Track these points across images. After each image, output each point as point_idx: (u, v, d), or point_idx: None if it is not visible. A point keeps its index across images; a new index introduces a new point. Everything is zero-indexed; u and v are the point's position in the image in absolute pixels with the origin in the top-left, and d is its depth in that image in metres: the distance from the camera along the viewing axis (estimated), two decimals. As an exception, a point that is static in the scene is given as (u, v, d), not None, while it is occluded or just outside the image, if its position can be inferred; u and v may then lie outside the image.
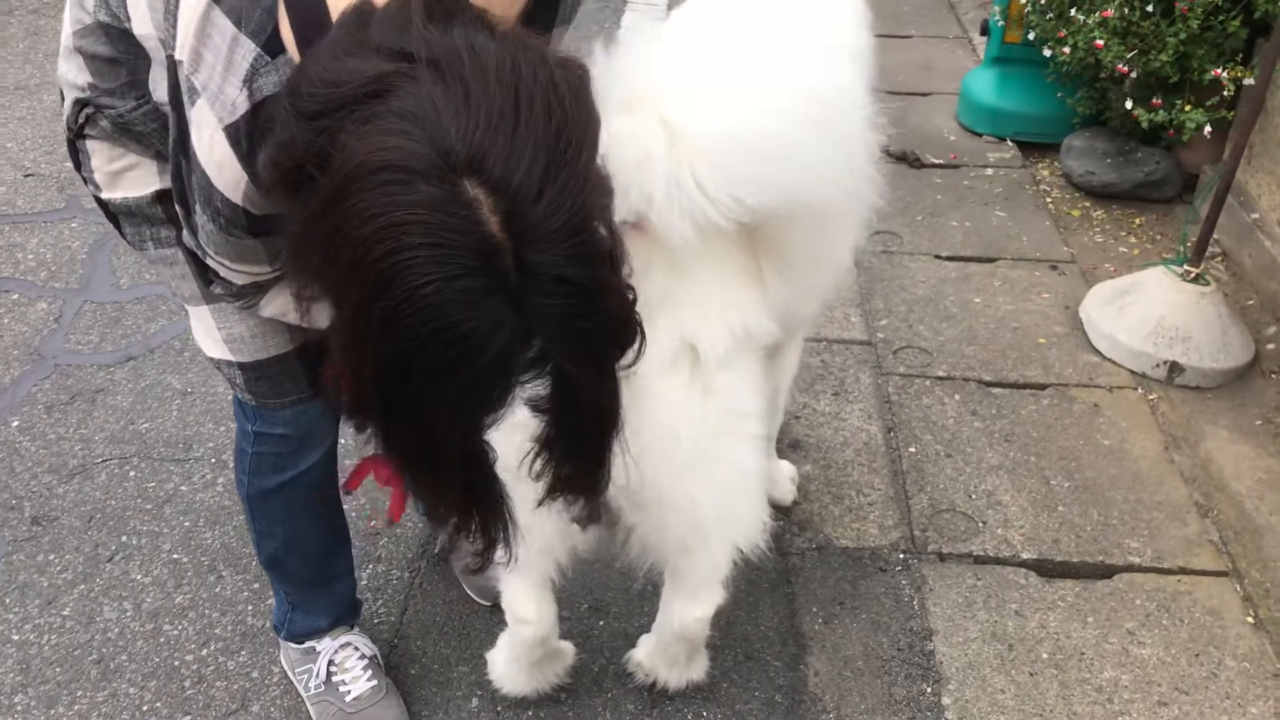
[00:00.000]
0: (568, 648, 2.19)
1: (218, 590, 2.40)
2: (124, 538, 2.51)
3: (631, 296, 1.26)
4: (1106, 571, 2.55)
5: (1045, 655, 2.35)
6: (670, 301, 1.64)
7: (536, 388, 1.24)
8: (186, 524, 2.55)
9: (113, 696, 2.18)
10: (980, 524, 2.66)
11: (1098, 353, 3.24)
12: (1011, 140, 4.39)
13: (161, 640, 2.30)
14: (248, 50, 1.28)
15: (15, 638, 2.29)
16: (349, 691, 2.12)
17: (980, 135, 4.45)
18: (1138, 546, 2.60)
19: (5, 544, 2.49)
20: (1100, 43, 3.54)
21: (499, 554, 1.45)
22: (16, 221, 3.66)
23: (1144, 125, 3.64)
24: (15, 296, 3.28)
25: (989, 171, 4.22)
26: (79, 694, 2.18)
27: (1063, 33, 3.73)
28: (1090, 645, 2.37)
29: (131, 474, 2.69)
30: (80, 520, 2.55)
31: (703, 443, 1.71)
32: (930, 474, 2.80)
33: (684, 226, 1.56)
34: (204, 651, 2.28)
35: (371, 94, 1.08)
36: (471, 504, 1.35)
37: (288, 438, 1.87)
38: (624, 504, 1.76)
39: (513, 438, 1.35)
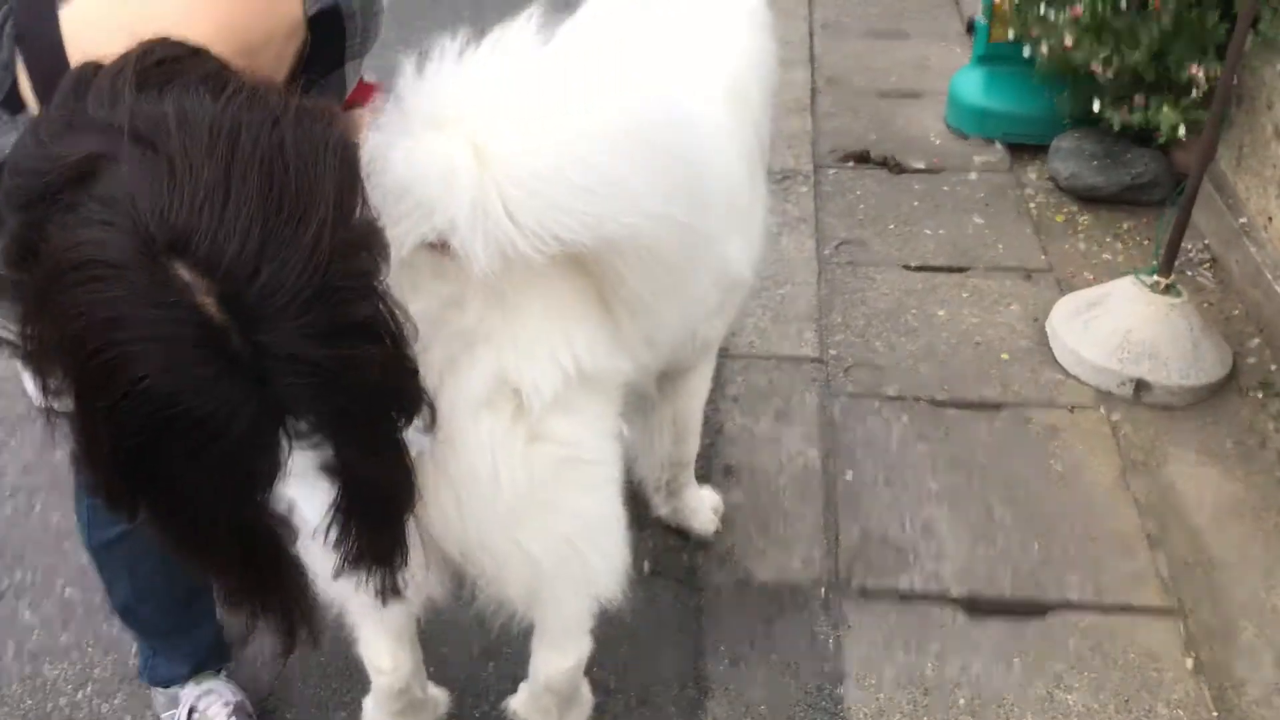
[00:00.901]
0: (439, 696, 2.09)
1: (104, 629, 2.33)
2: (19, 573, 2.46)
3: (407, 364, 1.17)
4: (1040, 609, 2.39)
5: (962, 702, 2.20)
6: (487, 338, 1.52)
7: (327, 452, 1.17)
8: (84, 559, 2.48)
9: (-21, 742, 2.13)
10: (911, 557, 2.51)
11: (1062, 369, 3.07)
12: (1000, 142, 4.20)
13: (39, 682, 2.24)
14: None
15: (-109, 679, 2.24)
16: None
17: (968, 137, 4.27)
18: (1077, 581, 2.44)
19: (-101, 579, 2.46)
20: (1069, 42, 3.35)
21: (303, 636, 1.37)
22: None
23: (1114, 128, 3.45)
24: None
25: (972, 176, 4.04)
26: (-55, 739, 2.13)
27: (1034, 31, 3.55)
28: (1012, 690, 2.22)
29: (37, 506, 2.64)
30: (-26, 555, 2.51)
31: (530, 492, 1.59)
32: (865, 502, 2.66)
33: (489, 257, 1.43)
34: (79, 695, 2.21)
35: (76, 179, 1.02)
36: (262, 584, 1.28)
37: None
38: (455, 555, 1.66)
39: (315, 503, 1.27)
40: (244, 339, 1.01)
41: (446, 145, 1.41)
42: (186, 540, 1.19)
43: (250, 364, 1.02)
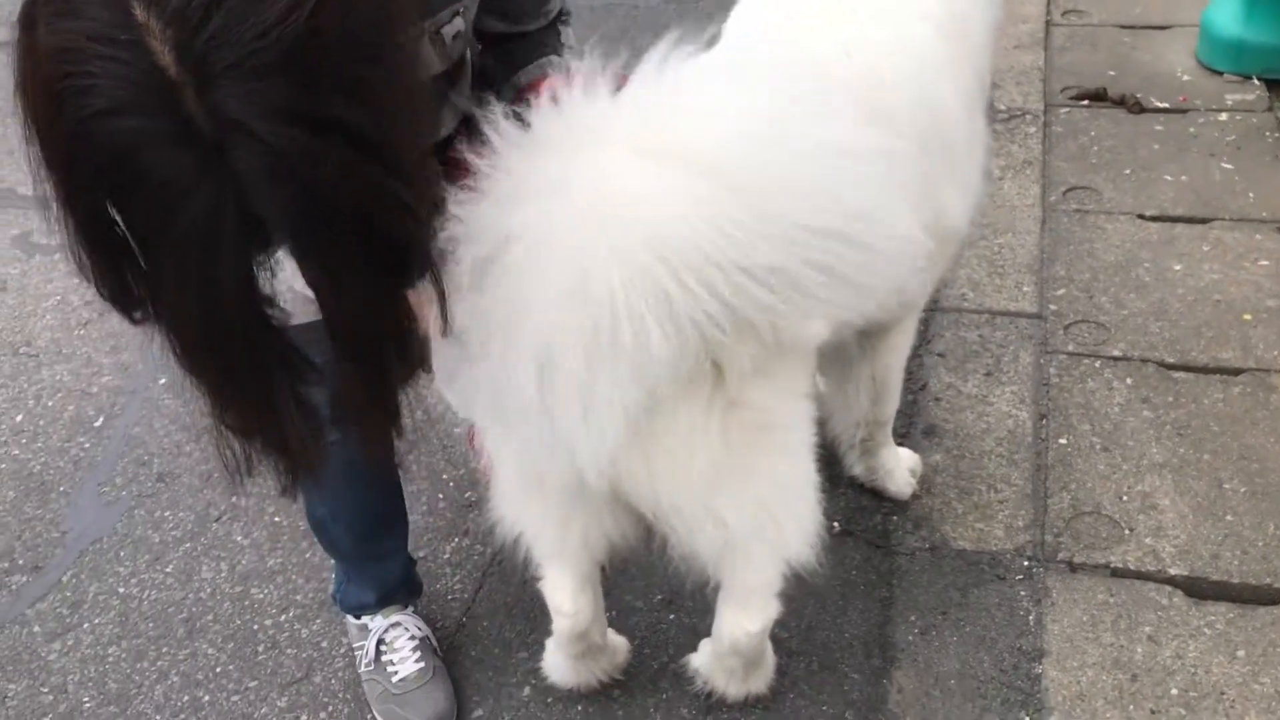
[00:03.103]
0: (619, 643, 2.08)
1: (308, 556, 2.44)
2: (234, 498, 2.60)
3: (393, 192, 1.10)
4: (1272, 597, 2.17)
5: (1175, 692, 2.03)
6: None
7: None
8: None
9: (193, 655, 2.26)
10: (1127, 531, 2.33)
11: (1314, 333, 2.77)
12: (1259, 79, 3.82)
13: (247, 603, 2.36)
14: None
15: (121, 590, 2.41)
16: (396, 672, 2.10)
17: (1221, 74, 3.90)
18: (1318, 570, 2.21)
19: (131, 498, 2.64)
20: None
21: (307, 473, 1.35)
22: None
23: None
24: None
25: (1223, 116, 3.69)
26: (164, 650, 2.28)
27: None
28: (1234, 684, 2.03)
29: (255, 435, 2.78)
30: (199, 479, 2.66)
31: (725, 458, 1.54)
32: (1079, 470, 2.48)
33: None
34: (283, 617, 2.32)
35: None
36: (257, 409, 1.25)
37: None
38: (644, 511, 1.63)
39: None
40: (198, 99, 0.99)
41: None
42: (182, 330, 1.17)
43: (206, 129, 1.00)
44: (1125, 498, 2.40)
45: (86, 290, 1.19)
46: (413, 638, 2.14)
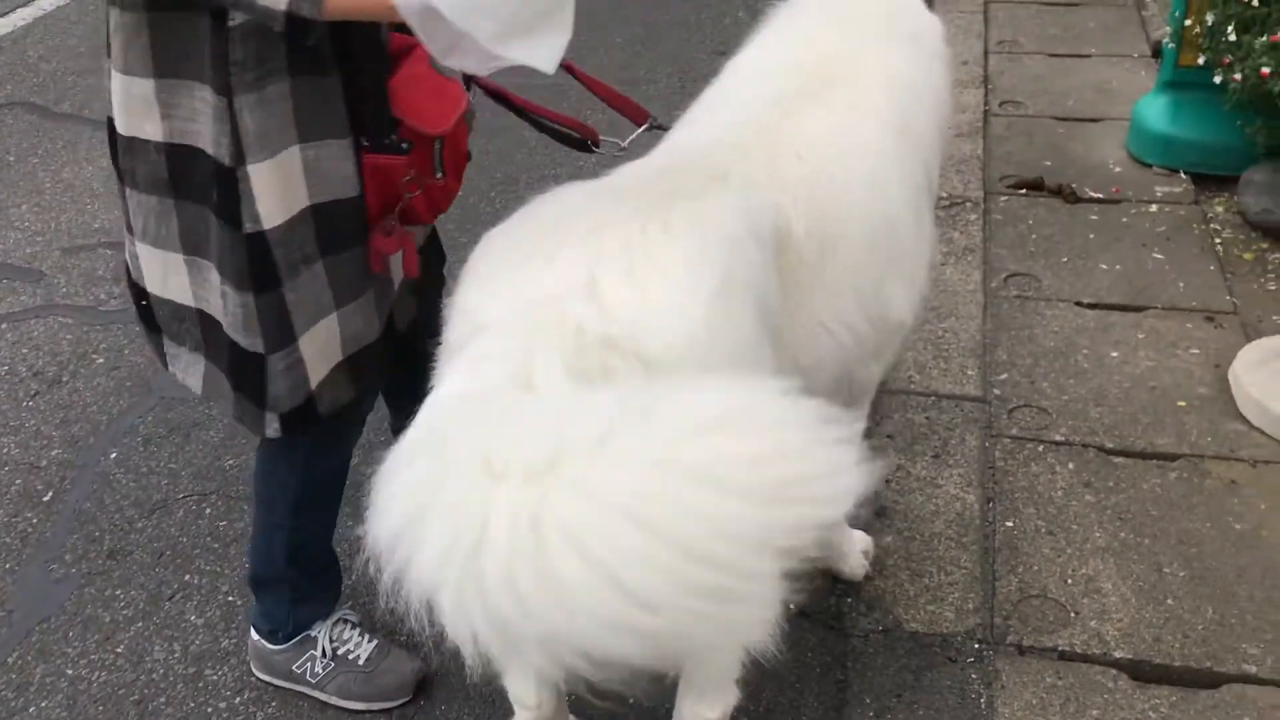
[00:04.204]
0: (580, 729, 2.09)
1: (263, 636, 2.42)
2: (187, 576, 2.58)
3: None
4: (1213, 680, 2.25)
5: (1122, 775, 2.09)
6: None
7: None
8: (249, 565, 2.59)
9: (144, 739, 2.23)
10: (1072, 614, 2.40)
11: (1244, 421, 2.89)
12: (1185, 173, 4.00)
13: (200, 685, 2.34)
14: None
15: (69, 672, 2.37)
16: (358, 657, 2.24)
17: (1150, 166, 4.07)
18: (1256, 654, 2.29)
19: (80, 576, 2.60)
20: (1267, 70, 3.16)
21: None
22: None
23: (1314, 164, 3.24)
24: (139, 328, 3.42)
25: (1154, 208, 3.85)
26: (115, 734, 2.24)
27: (1226, 59, 3.35)
28: (1179, 768, 2.09)
29: (208, 511, 2.76)
30: (151, 556, 2.63)
31: None
32: (1025, 553, 2.55)
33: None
34: (238, 700, 2.30)
35: None
36: None
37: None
38: None
39: None
40: None
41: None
42: None
43: None
44: (1070, 581, 2.47)
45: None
46: (355, 625, 2.30)
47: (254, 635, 2.30)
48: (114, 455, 2.93)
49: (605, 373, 1.44)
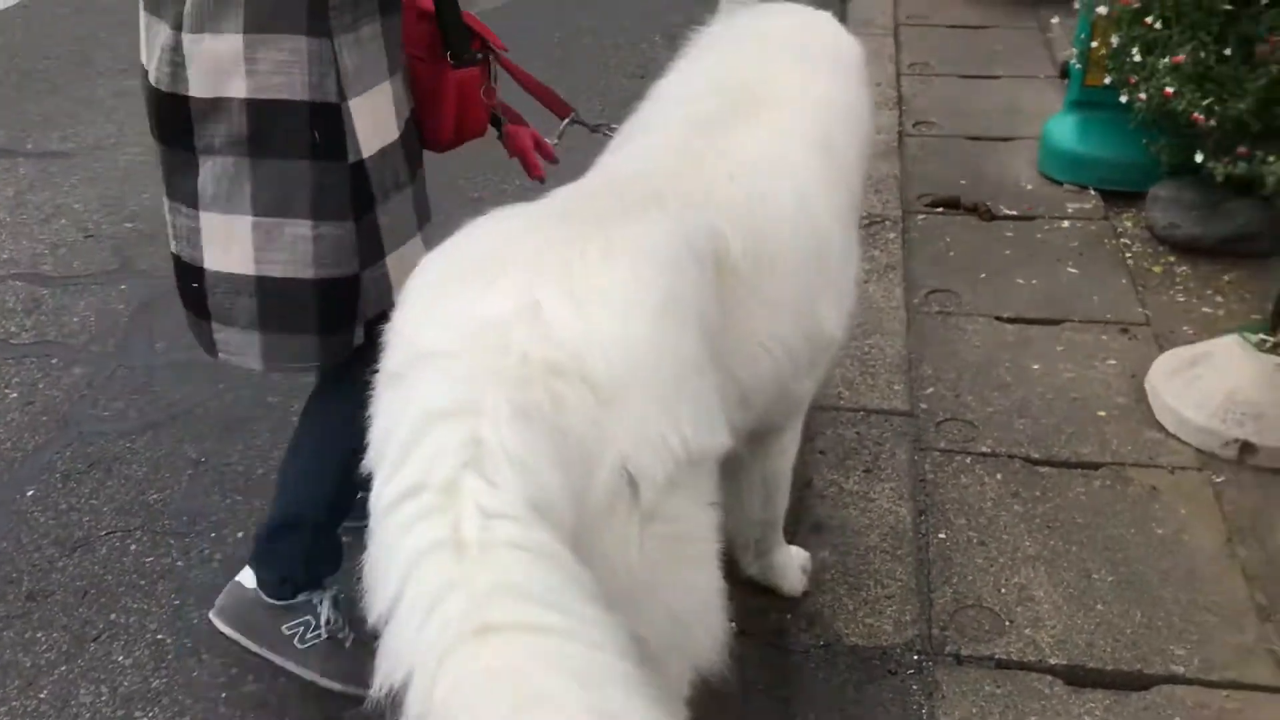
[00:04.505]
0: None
1: (195, 675, 2.35)
2: (113, 615, 2.50)
3: None
4: (1144, 682, 2.30)
5: (1062, 779, 2.13)
6: (603, 431, 1.50)
7: None
8: (177, 602, 2.53)
9: (73, 787, 2.15)
10: (1007, 622, 2.44)
11: (1162, 429, 2.98)
12: (1094, 189, 4.12)
13: (131, 727, 2.27)
14: None
15: (-11, 721, 2.28)
16: (346, 639, 2.29)
17: (1061, 184, 4.19)
18: (1183, 655, 2.35)
19: (-1, 619, 2.51)
20: (1170, 90, 3.28)
21: None
22: (69, 284, 3.74)
23: (1218, 179, 3.36)
24: (55, 361, 3.34)
25: (1066, 224, 3.96)
26: (41, 783, 2.16)
27: (1132, 79, 3.47)
28: (1115, 769, 2.14)
29: (132, 547, 2.68)
30: (74, 596, 2.55)
31: (643, 574, 1.57)
32: (959, 564, 2.59)
33: None
34: (170, 741, 2.24)
35: None
36: None
37: None
38: None
39: None
40: None
41: None
42: None
43: None
44: (1003, 590, 2.52)
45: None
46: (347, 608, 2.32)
47: (248, 586, 2.28)
48: (31, 493, 2.84)
49: (555, 402, 1.43)
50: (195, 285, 1.96)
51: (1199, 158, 3.43)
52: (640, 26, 5.66)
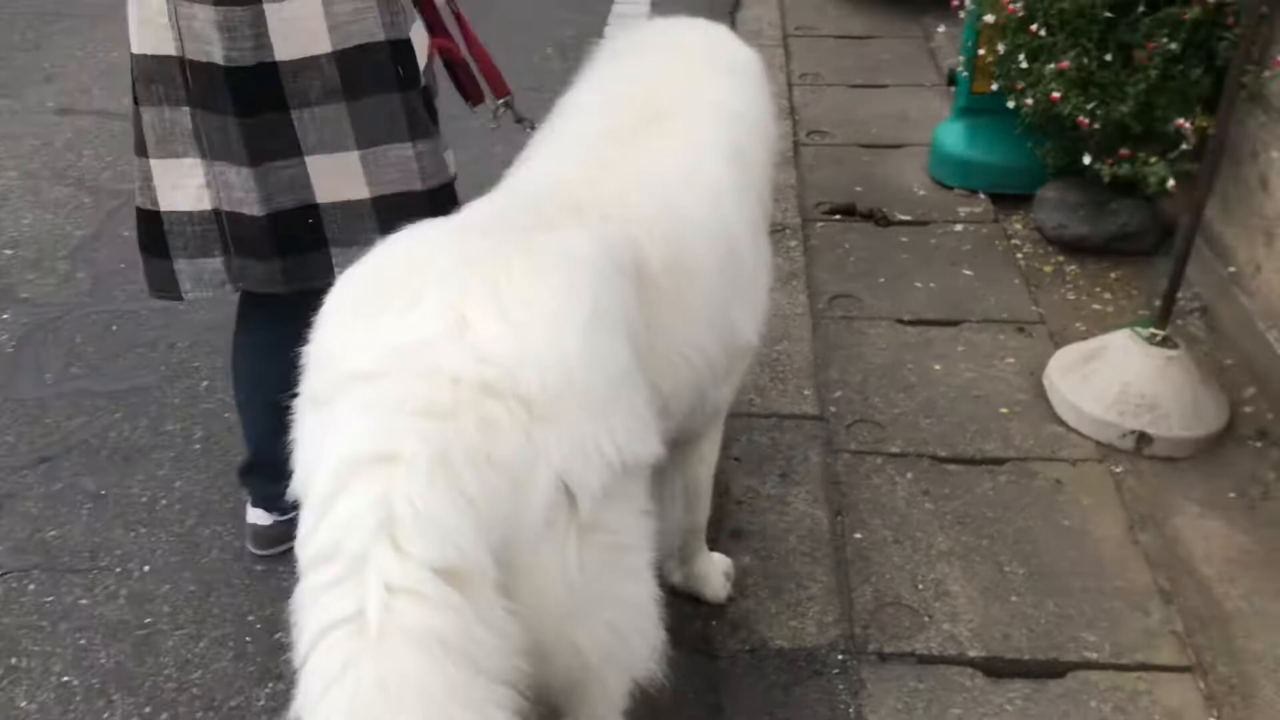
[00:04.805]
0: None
1: (105, 716, 2.26)
2: (14, 659, 2.39)
3: None
4: (1060, 670, 2.37)
5: (988, 768, 2.17)
6: (538, 447, 1.48)
7: None
8: (82, 642, 2.43)
9: (-21, 840, 2.05)
10: (926, 618, 2.49)
11: (1062, 423, 3.07)
12: (984, 193, 4.24)
13: (38, 774, 2.17)
14: None
15: (-115, 775, 2.16)
16: None
17: (952, 189, 4.30)
18: (1095, 640, 2.42)
19: (-112, 669, 2.38)
20: (1057, 95, 3.39)
21: None
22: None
23: (1105, 180, 3.48)
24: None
25: (959, 227, 4.07)
26: (-56, 837, 2.06)
27: (1019, 84, 3.59)
28: (1038, 755, 2.19)
29: (31, 588, 2.56)
30: (-29, 639, 2.44)
31: (582, 585, 1.56)
32: (876, 562, 2.64)
33: None
34: (81, 786, 2.15)
35: None
36: None
37: None
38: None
39: None
40: None
41: None
42: None
43: None
44: (921, 586, 2.57)
45: None
46: None
47: (261, 523, 2.59)
48: (-77, 532, 2.71)
49: (485, 428, 1.40)
50: (310, 221, 2.23)
51: (1085, 160, 3.55)
52: (530, 39, 5.65)
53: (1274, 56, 3.13)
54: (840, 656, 2.40)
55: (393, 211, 2.16)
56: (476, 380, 1.43)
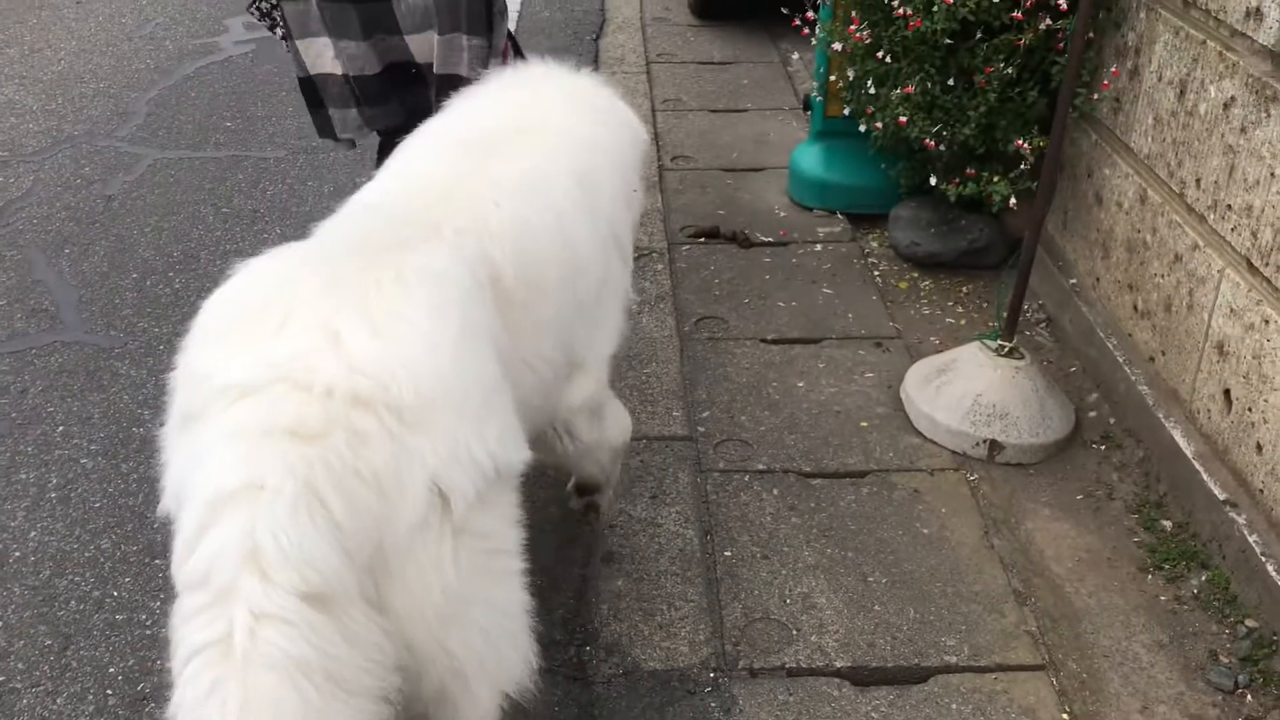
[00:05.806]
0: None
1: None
2: None
3: None
4: (922, 675, 2.45)
5: (856, 775, 2.24)
6: (411, 453, 1.52)
7: None
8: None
9: None
10: (794, 631, 2.55)
11: (919, 434, 3.18)
12: (842, 213, 4.37)
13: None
14: None
15: None
16: None
17: (811, 210, 4.43)
18: (954, 644, 2.52)
19: None
20: (904, 119, 3.52)
21: None
22: None
23: (951, 199, 3.63)
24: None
25: (818, 247, 4.19)
26: None
27: (869, 109, 3.71)
28: (903, 759, 2.26)
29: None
30: None
31: (456, 588, 1.60)
32: (745, 579, 2.69)
33: None
34: None
35: None
36: None
37: None
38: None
39: None
40: None
41: None
42: None
43: None
44: (788, 600, 2.63)
45: None
46: None
47: None
48: None
49: (354, 442, 1.46)
50: (414, 70, 3.08)
51: (933, 180, 3.69)
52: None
53: (1103, 80, 3.31)
54: (712, 674, 2.44)
55: (447, 86, 2.71)
56: (348, 392, 1.49)
